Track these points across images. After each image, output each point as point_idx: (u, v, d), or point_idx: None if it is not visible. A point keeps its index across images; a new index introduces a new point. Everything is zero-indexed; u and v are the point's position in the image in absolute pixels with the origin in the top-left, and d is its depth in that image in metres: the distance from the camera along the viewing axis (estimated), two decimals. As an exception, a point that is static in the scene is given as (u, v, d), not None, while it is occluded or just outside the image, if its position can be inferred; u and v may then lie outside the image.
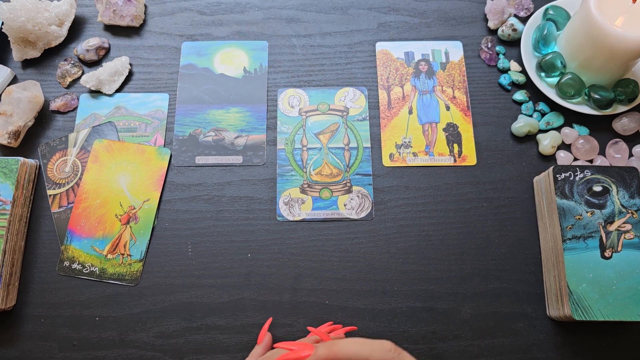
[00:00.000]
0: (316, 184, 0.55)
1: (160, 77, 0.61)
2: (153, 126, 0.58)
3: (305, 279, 0.52)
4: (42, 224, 0.54)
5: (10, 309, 0.51)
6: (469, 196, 0.55)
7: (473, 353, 0.49)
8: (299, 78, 0.60)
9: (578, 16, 0.54)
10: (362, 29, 0.63)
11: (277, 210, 0.54)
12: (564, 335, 0.50)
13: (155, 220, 0.54)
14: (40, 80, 0.60)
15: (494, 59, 0.61)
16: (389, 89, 0.60)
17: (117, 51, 0.62)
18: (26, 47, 0.60)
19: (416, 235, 0.54)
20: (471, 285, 0.52)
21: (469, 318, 0.50)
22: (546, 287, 0.51)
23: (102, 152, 0.56)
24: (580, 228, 0.48)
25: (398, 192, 0.55)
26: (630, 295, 0.45)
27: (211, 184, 0.56)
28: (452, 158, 0.57)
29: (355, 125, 0.58)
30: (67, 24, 0.61)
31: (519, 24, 0.61)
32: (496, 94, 0.60)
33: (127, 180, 0.55)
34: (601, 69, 0.54)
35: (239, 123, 0.58)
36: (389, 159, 0.57)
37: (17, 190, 0.52)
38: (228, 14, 0.63)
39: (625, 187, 0.49)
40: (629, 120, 0.57)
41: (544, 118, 0.58)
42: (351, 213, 0.54)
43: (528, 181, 0.56)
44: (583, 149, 0.55)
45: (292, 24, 0.63)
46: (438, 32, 0.62)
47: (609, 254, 0.47)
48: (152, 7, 0.64)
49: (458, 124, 0.58)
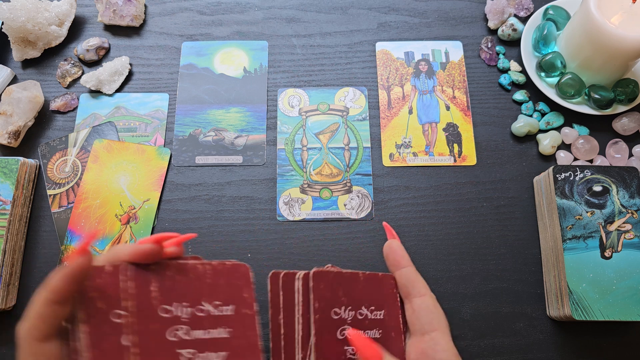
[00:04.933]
0: (316, 183, 0.55)
1: (160, 77, 0.61)
2: (153, 126, 0.58)
3: (305, 279, 0.52)
4: (42, 224, 0.54)
5: (10, 309, 0.51)
6: (469, 196, 0.55)
7: (473, 353, 0.49)
8: (299, 78, 0.60)
9: (578, 16, 0.54)
10: (362, 29, 0.63)
11: (277, 210, 0.54)
12: (564, 335, 0.50)
13: (155, 220, 0.54)
14: (40, 80, 0.60)
15: (494, 59, 0.61)
16: (389, 89, 0.60)
17: (117, 51, 0.62)
18: (26, 47, 0.60)
19: (416, 235, 0.54)
20: (471, 285, 0.52)
21: (469, 318, 0.50)
22: (546, 287, 0.51)
23: (102, 152, 0.56)
24: (580, 228, 0.48)
25: (398, 192, 0.55)
26: (630, 295, 0.45)
27: (211, 184, 0.56)
28: (452, 158, 0.57)
29: (355, 125, 0.58)
30: (67, 24, 0.61)
31: (519, 24, 0.61)
32: (496, 94, 0.60)
33: (127, 180, 0.55)
34: (601, 69, 0.54)
35: (239, 123, 0.58)
36: (389, 159, 0.57)
37: (17, 190, 0.52)
38: (228, 14, 0.63)
39: (625, 187, 0.49)
40: (629, 120, 0.57)
41: (544, 118, 0.58)
42: (351, 213, 0.54)
43: (528, 181, 0.56)
44: (583, 149, 0.55)
45: (292, 24, 0.63)
46: (438, 32, 0.62)
47: (609, 254, 0.47)
48: (152, 7, 0.64)
49: (458, 124, 0.58)
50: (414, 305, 0.36)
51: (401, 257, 0.37)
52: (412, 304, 0.36)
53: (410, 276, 0.37)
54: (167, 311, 0.31)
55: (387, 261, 0.38)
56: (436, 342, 0.34)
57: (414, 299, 0.36)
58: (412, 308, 0.36)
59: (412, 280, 0.36)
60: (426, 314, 0.35)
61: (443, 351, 0.34)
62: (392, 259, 0.38)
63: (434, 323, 0.35)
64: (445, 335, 0.35)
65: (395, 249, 0.38)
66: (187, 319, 0.32)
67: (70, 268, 0.28)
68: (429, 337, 0.34)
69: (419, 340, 0.35)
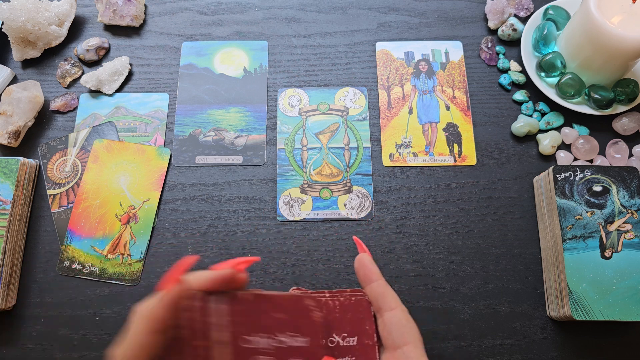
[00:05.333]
0: (316, 183, 0.55)
1: (160, 77, 0.61)
2: (153, 126, 0.58)
3: (305, 279, 0.52)
4: (42, 224, 0.54)
5: (10, 309, 0.51)
6: (469, 196, 0.55)
7: (473, 353, 0.49)
8: (299, 78, 0.60)
9: (578, 16, 0.54)
10: (362, 29, 0.63)
11: (277, 210, 0.54)
12: (564, 335, 0.50)
13: (155, 220, 0.54)
14: (40, 80, 0.60)
15: (494, 59, 0.61)
16: (389, 88, 0.60)
17: (117, 51, 0.62)
18: (26, 47, 0.60)
19: (416, 235, 0.54)
20: (471, 285, 0.52)
21: (469, 318, 0.50)
22: (546, 287, 0.51)
23: (102, 152, 0.56)
24: (580, 228, 0.48)
25: (398, 192, 0.55)
26: (630, 295, 0.45)
27: (211, 184, 0.56)
28: (452, 158, 0.57)
29: (355, 125, 0.58)
30: (67, 24, 0.61)
31: (519, 24, 0.61)
32: (496, 94, 0.60)
33: (127, 180, 0.55)
34: (601, 69, 0.54)
35: (239, 123, 0.58)
36: (389, 159, 0.57)
37: (17, 190, 0.52)
38: (228, 14, 0.63)
39: (625, 187, 0.49)
40: (629, 120, 0.57)
41: (544, 118, 0.58)
42: (351, 213, 0.54)
43: (528, 181, 0.56)
44: (583, 148, 0.55)
45: (292, 24, 0.63)
46: (438, 32, 0.62)
47: (609, 254, 0.47)
48: (152, 7, 0.64)
49: (458, 123, 0.58)
50: (385, 319, 0.35)
51: (371, 272, 0.37)
52: (384, 318, 0.35)
53: (380, 290, 0.36)
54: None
55: (358, 276, 0.38)
56: (407, 356, 0.34)
57: (385, 313, 0.35)
58: (384, 322, 0.35)
59: (382, 294, 0.36)
60: (397, 328, 0.34)
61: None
62: (363, 274, 0.37)
63: (405, 337, 0.34)
64: (416, 349, 0.34)
65: (366, 263, 0.37)
66: (323, 347, 0.34)
67: (171, 296, 0.28)
68: (401, 351, 0.34)
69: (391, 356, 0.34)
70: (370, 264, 0.38)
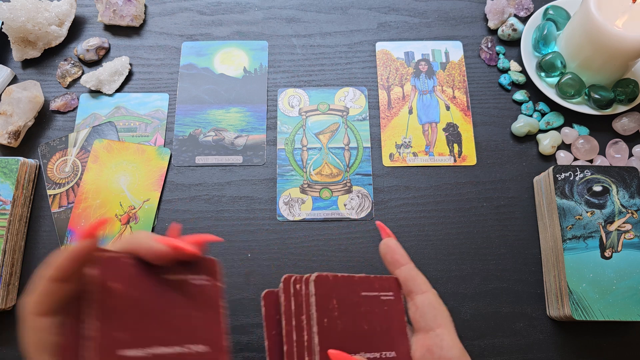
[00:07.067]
0: (316, 183, 0.55)
1: (160, 77, 0.61)
2: (153, 126, 0.58)
3: (305, 279, 0.52)
4: (42, 224, 0.54)
5: (10, 309, 0.51)
6: (469, 196, 0.55)
7: (473, 353, 0.49)
8: (299, 78, 0.60)
9: (578, 16, 0.54)
10: (362, 29, 0.63)
11: (277, 210, 0.54)
12: (564, 335, 0.50)
13: (155, 220, 0.54)
14: (40, 80, 0.60)
15: (494, 59, 0.61)
16: (389, 89, 0.60)
17: (117, 51, 0.62)
18: (26, 47, 0.60)
19: (416, 235, 0.54)
20: (471, 285, 0.52)
21: (469, 318, 0.50)
22: (546, 287, 0.51)
23: (102, 152, 0.56)
24: (580, 228, 0.48)
25: (398, 192, 0.55)
26: (630, 295, 0.45)
27: (211, 184, 0.56)
28: (452, 158, 0.57)
29: (355, 125, 0.58)
30: (67, 24, 0.61)
31: (519, 24, 0.61)
32: (496, 94, 0.60)
33: (127, 180, 0.55)
34: (601, 69, 0.54)
35: (239, 123, 0.58)
36: (389, 159, 0.57)
37: (17, 190, 0.52)
38: (228, 14, 0.63)
39: (625, 187, 0.49)
40: (629, 120, 0.57)
41: (544, 118, 0.58)
42: (351, 213, 0.54)
43: (528, 181, 0.56)
44: (583, 148, 0.55)
45: (292, 24, 0.63)
46: (438, 32, 0.62)
47: (609, 254, 0.47)
48: (152, 7, 0.64)
49: (458, 124, 0.58)
50: (417, 302, 0.35)
51: (400, 255, 0.37)
52: (415, 301, 0.35)
53: (411, 273, 0.36)
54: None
55: (385, 260, 0.38)
56: (442, 339, 0.34)
57: (416, 296, 0.35)
58: (415, 305, 0.35)
59: (413, 277, 0.36)
60: (430, 311, 0.35)
61: (449, 347, 0.34)
62: (391, 258, 0.37)
63: (438, 319, 0.34)
64: (450, 331, 0.34)
65: (393, 247, 0.37)
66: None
67: (76, 249, 0.29)
68: (434, 333, 0.34)
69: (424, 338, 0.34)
70: (398, 247, 0.37)
